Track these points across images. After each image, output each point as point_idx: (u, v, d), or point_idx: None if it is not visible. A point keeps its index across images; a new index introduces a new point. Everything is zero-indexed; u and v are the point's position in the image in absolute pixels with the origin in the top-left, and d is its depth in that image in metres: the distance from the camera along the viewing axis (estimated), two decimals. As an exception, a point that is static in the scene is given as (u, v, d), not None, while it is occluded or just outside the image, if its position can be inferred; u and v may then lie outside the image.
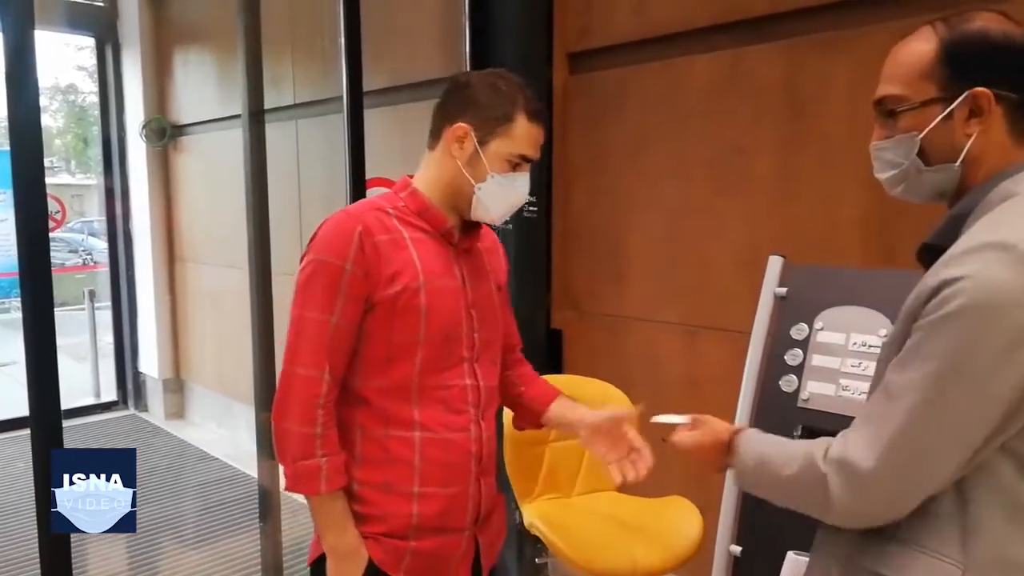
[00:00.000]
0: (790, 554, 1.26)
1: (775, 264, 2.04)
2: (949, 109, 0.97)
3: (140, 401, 5.66)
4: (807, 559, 1.25)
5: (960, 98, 0.96)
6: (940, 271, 0.89)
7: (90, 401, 5.67)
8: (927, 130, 0.98)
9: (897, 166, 1.03)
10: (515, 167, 1.38)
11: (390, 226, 1.37)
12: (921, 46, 0.98)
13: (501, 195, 1.39)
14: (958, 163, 0.98)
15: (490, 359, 1.48)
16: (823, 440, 0.98)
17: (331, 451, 1.33)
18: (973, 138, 0.96)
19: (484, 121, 1.36)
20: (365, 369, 1.37)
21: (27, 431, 1.99)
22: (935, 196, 1.04)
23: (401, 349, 1.35)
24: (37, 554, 1.99)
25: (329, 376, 1.33)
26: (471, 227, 1.46)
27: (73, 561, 2.03)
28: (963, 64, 0.96)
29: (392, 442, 1.37)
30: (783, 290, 2.01)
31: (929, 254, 0.99)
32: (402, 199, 1.42)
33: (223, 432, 5.09)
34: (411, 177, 1.46)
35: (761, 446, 1.11)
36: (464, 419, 1.40)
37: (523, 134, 1.37)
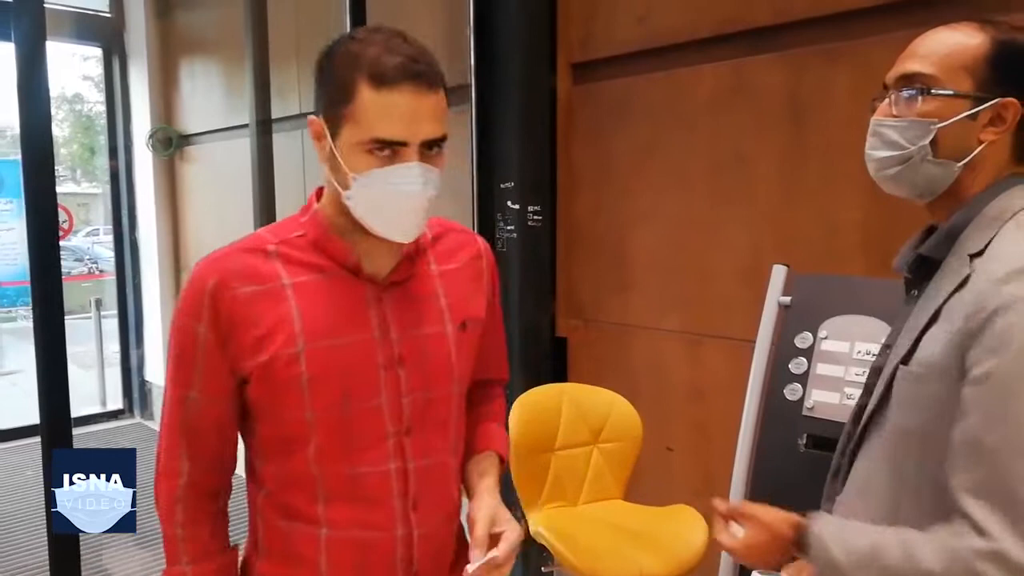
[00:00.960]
0: (755, 574, 1.25)
1: (779, 273, 2.04)
2: (977, 109, 0.95)
3: (146, 409, 5.67)
4: None
5: (991, 102, 0.94)
6: (989, 297, 0.87)
7: (96, 409, 5.68)
8: (948, 122, 0.96)
9: (900, 148, 0.99)
10: (387, 158, 0.97)
11: (265, 272, 1.04)
12: (966, 39, 0.96)
13: (376, 201, 0.99)
14: (960, 164, 0.97)
15: (434, 426, 1.12)
16: (957, 527, 0.87)
17: (197, 556, 1.10)
18: (985, 145, 0.96)
19: (330, 105, 0.99)
20: (263, 451, 1.10)
21: (35, 439, 2.01)
22: (922, 191, 1.01)
23: (292, 429, 1.05)
24: (47, 562, 2.01)
25: (189, 464, 1.09)
26: (419, 250, 1.11)
27: (83, 572, 2.05)
28: (1007, 70, 0.94)
29: (296, 537, 1.09)
30: (787, 299, 2.01)
31: (922, 265, 1.00)
32: (302, 225, 1.08)
33: (228, 440, 5.09)
34: (321, 191, 1.11)
35: (862, 537, 0.95)
36: (385, 514, 1.07)
37: (370, 109, 0.95)
